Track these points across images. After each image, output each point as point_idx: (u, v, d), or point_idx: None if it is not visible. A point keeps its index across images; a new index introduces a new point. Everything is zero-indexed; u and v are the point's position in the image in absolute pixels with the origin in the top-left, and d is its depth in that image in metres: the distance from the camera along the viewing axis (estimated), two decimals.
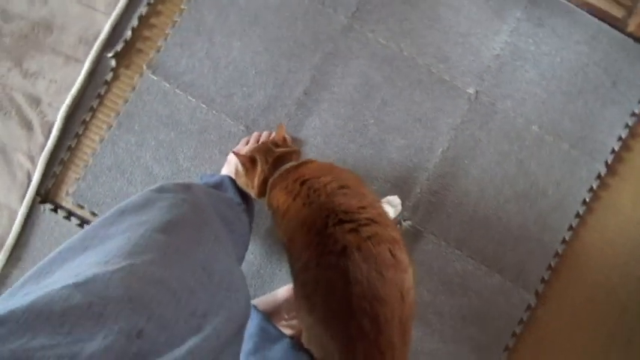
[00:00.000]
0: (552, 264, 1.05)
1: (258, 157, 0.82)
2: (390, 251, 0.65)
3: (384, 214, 0.73)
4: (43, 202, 1.05)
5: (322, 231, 0.66)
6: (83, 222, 1.04)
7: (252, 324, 0.80)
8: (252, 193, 0.84)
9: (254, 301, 0.97)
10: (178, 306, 0.43)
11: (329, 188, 0.71)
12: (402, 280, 0.64)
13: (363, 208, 0.69)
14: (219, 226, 0.59)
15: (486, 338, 1.03)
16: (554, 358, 1.04)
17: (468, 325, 1.03)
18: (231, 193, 0.81)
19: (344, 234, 0.64)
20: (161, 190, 0.56)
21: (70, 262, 0.44)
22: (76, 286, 0.38)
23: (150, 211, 0.51)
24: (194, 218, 0.54)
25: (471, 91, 1.07)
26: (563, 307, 1.05)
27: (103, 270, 0.40)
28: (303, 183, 0.74)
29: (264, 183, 0.81)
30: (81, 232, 0.49)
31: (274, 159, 0.82)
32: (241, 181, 0.84)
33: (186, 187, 0.59)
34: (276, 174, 0.80)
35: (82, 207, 1.05)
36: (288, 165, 0.82)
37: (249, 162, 0.82)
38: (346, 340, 0.63)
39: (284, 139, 0.91)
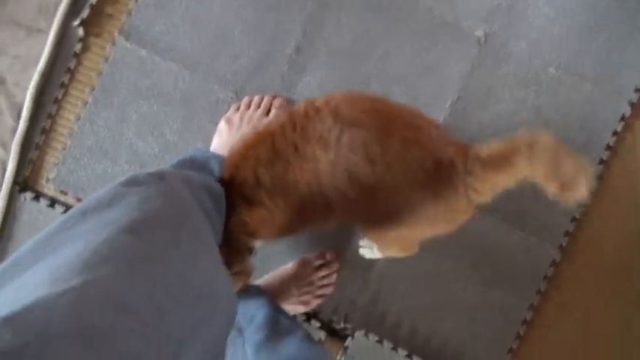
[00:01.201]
0: (577, 215, 0.97)
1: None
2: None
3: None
4: (23, 190, 0.96)
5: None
6: (68, 208, 0.96)
7: (261, 314, 0.72)
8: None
9: (259, 282, 0.90)
10: (146, 334, 0.34)
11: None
12: None
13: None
14: (201, 220, 0.49)
15: (511, 298, 0.97)
16: (580, 314, 0.99)
17: (490, 288, 0.97)
18: (216, 173, 0.70)
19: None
20: (131, 182, 0.46)
21: (13, 281, 0.36)
22: (7, 321, 0.28)
23: (117, 208, 0.42)
24: (171, 213, 0.44)
25: (479, 33, 0.97)
26: (589, 260, 0.98)
27: (47, 293, 0.30)
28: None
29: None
30: (32, 240, 0.40)
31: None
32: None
33: (161, 177, 0.48)
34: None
35: (65, 193, 0.97)
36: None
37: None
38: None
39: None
